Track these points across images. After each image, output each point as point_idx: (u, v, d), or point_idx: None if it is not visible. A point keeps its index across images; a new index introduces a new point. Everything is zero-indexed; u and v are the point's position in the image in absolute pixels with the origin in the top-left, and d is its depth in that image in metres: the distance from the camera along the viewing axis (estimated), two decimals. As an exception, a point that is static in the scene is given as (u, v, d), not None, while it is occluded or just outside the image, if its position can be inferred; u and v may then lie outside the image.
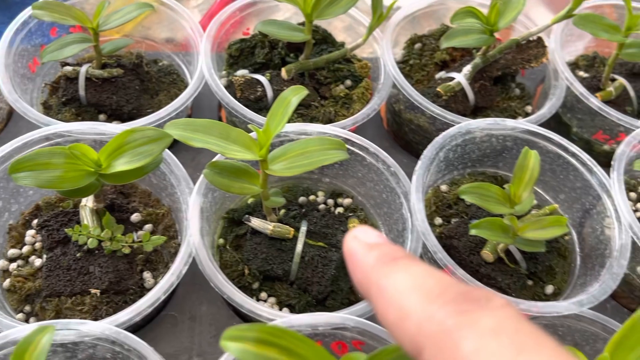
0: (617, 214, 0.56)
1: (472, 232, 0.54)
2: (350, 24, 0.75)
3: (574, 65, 0.78)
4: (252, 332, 0.27)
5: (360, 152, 0.59)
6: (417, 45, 0.74)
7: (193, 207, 0.53)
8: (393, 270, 0.24)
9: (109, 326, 0.46)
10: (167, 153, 0.56)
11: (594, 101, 0.65)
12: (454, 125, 0.60)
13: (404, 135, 0.71)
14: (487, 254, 0.57)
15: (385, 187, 0.59)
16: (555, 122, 0.74)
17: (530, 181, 0.56)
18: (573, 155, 0.60)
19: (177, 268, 0.50)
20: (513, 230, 0.55)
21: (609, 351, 0.35)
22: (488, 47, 0.67)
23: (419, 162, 0.57)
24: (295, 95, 0.51)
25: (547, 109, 0.64)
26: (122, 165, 0.49)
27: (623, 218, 0.55)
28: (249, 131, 0.50)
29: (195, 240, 0.51)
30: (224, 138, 0.50)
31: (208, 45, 0.65)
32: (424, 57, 0.73)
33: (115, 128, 0.57)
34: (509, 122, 0.61)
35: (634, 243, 0.55)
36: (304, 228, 0.58)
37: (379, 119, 0.76)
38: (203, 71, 0.62)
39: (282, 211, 0.59)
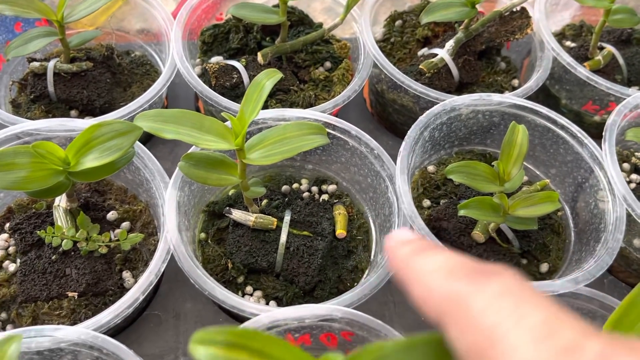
0: (611, 186, 0.54)
1: (461, 212, 0.52)
2: (330, 5, 0.73)
3: (560, 36, 0.76)
4: (222, 335, 0.25)
5: (342, 136, 0.57)
6: (398, 23, 0.71)
7: (169, 202, 0.51)
8: (422, 257, 0.28)
9: (85, 330, 0.44)
10: (140, 147, 0.54)
11: (582, 71, 0.63)
12: (438, 103, 0.58)
13: (388, 116, 0.69)
14: (478, 234, 0.55)
15: (369, 171, 0.57)
16: (544, 95, 0.72)
17: (519, 157, 0.54)
18: (562, 127, 0.58)
19: (155, 266, 0.48)
20: (503, 209, 0.53)
21: (608, 329, 0.33)
22: (470, 20, 0.64)
23: (403, 144, 0.54)
24: (269, 79, 0.49)
25: (534, 82, 0.62)
26: (91, 161, 0.47)
27: (617, 190, 0.53)
28: (225, 120, 0.48)
29: (172, 236, 0.49)
30: (197, 128, 0.48)
31: (179, 32, 0.62)
32: (406, 34, 0.70)
33: (84, 123, 0.54)
34: (495, 97, 0.59)
35: (629, 215, 0.53)
36: (287, 218, 0.56)
37: (362, 100, 0.73)
38: (175, 60, 0.60)
39: (265, 201, 0.57)
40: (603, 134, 0.57)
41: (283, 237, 0.55)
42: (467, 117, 0.60)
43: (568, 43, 0.74)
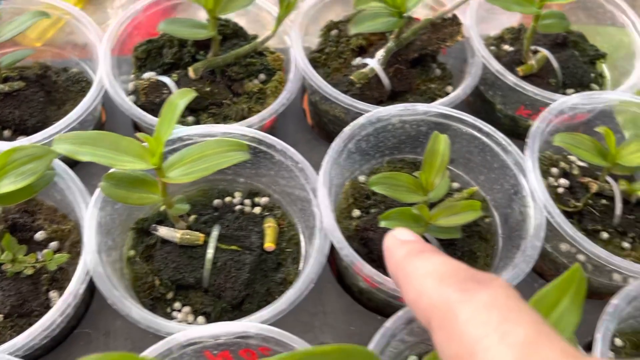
0: (532, 193, 0.55)
1: (382, 224, 0.52)
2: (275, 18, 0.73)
3: (499, 39, 0.77)
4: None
5: (269, 150, 0.57)
6: (334, 32, 0.72)
7: (89, 222, 0.51)
8: (417, 260, 0.29)
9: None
10: (62, 167, 0.54)
11: (510, 77, 0.63)
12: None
13: (324, 126, 0.70)
14: (402, 244, 0.56)
15: (296, 184, 0.57)
16: (480, 101, 0.73)
17: (441, 166, 0.54)
18: (487, 135, 0.59)
19: (73, 288, 0.49)
20: (424, 219, 0.53)
21: None
22: (401, 29, 0.65)
23: (326, 156, 0.55)
24: (182, 98, 0.50)
25: (462, 89, 0.62)
26: (6, 186, 0.48)
27: (537, 197, 0.54)
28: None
29: (90, 258, 0.49)
30: (114, 149, 0.48)
31: (107, 49, 0.62)
32: (341, 44, 0.70)
33: (2, 146, 0.54)
34: (420, 107, 0.59)
35: (552, 222, 0.53)
36: (215, 233, 0.56)
37: (301, 112, 0.74)
38: (102, 77, 0.60)
39: (192, 217, 0.58)
40: (526, 140, 0.57)
41: (209, 253, 0.55)
42: (394, 127, 0.60)
43: (506, 47, 0.75)
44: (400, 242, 0.32)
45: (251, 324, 0.47)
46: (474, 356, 0.23)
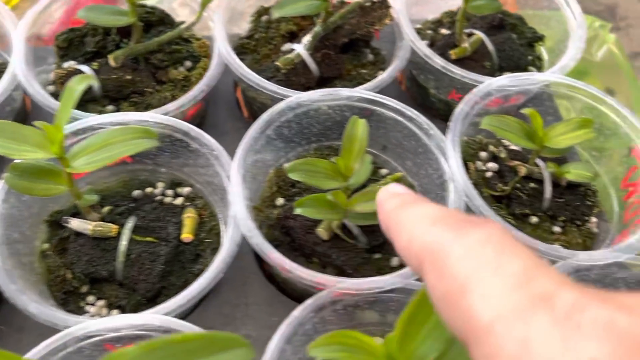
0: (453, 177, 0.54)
1: (297, 211, 0.51)
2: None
3: (438, 23, 0.75)
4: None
5: (184, 138, 0.56)
6: (264, 18, 0.70)
7: (-11, 216, 0.50)
8: (409, 208, 0.29)
9: None
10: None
11: (438, 60, 0.62)
12: (291, 100, 0.57)
13: (254, 114, 0.68)
14: (321, 231, 0.54)
15: (214, 172, 0.56)
16: (415, 86, 0.71)
17: (360, 151, 0.53)
18: (410, 119, 0.57)
19: (-30, 284, 0.47)
20: (341, 206, 0.52)
21: (400, 328, 0.32)
22: (328, 13, 0.63)
23: (240, 144, 0.53)
24: (79, 84, 0.48)
25: (387, 73, 0.61)
26: None
27: (456, 181, 0.53)
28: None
29: (-12, 252, 0.48)
30: (14, 139, 0.47)
31: (21, 37, 0.60)
32: (271, 29, 0.69)
33: None
34: (343, 92, 0.58)
35: (471, 207, 0.52)
36: (129, 224, 0.55)
37: (235, 100, 0.72)
38: (14, 66, 0.58)
39: (107, 208, 0.56)
40: (448, 123, 0.56)
41: (122, 245, 0.54)
42: (317, 113, 0.59)
43: (444, 30, 0.73)
44: (392, 194, 0.32)
45: (153, 316, 0.46)
46: (465, 291, 0.22)
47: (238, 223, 0.50)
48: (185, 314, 0.56)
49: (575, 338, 0.19)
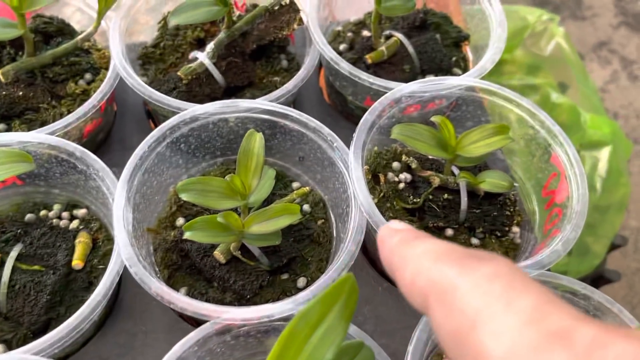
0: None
1: (186, 235, 0.47)
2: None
3: (360, 25, 0.72)
4: None
5: (69, 159, 0.52)
6: (173, 24, 0.66)
7: None
8: (412, 244, 0.28)
9: None
10: None
11: (344, 65, 0.59)
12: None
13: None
14: (218, 254, 0.51)
15: (102, 194, 0.52)
16: (334, 93, 0.68)
17: (257, 167, 0.50)
18: (314, 131, 0.54)
19: None
20: (233, 227, 0.49)
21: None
22: (231, 19, 0.60)
23: (127, 165, 0.50)
24: None
25: (293, 82, 0.58)
26: None
27: (357, 196, 0.49)
28: None
29: None
30: None
31: None
32: (178, 37, 0.65)
33: None
34: (243, 103, 0.54)
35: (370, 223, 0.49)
36: (14, 252, 0.51)
37: (144, 111, 0.68)
38: None
39: (-9, 236, 0.53)
40: (353, 135, 0.53)
41: (5, 275, 0.50)
42: (217, 127, 0.55)
43: (365, 32, 0.70)
44: (392, 230, 0.31)
45: (19, 356, 0.42)
46: (475, 326, 0.22)
47: (121, 252, 0.47)
48: (78, 345, 0.53)
49: None
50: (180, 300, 0.44)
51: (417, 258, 0.27)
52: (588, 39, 1.95)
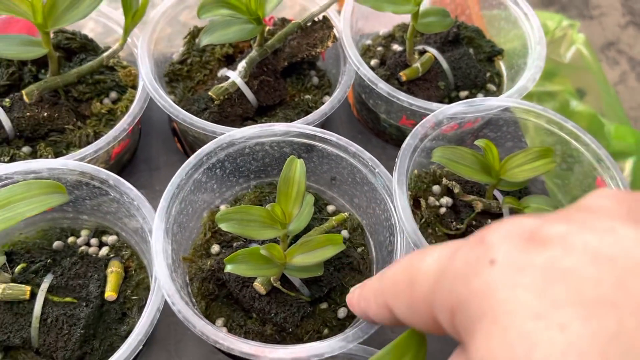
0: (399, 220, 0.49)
1: (228, 268, 0.46)
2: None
3: (389, 38, 0.70)
4: None
5: (102, 186, 0.50)
6: (205, 44, 0.64)
7: None
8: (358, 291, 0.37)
9: None
10: None
11: (382, 85, 0.57)
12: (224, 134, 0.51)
13: (190, 145, 0.63)
14: (258, 286, 0.49)
15: (137, 223, 0.50)
16: (365, 110, 0.66)
17: (298, 195, 0.48)
18: (354, 155, 0.52)
19: None
20: (276, 260, 0.47)
21: None
22: (263, 36, 0.58)
23: (163, 195, 0.48)
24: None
25: (329, 104, 0.56)
26: None
27: (403, 225, 0.48)
28: None
29: None
30: None
31: None
32: (206, 52, 0.63)
33: None
34: (278, 127, 0.52)
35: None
36: (45, 284, 0.49)
37: (169, 130, 0.66)
38: None
39: (20, 266, 0.50)
40: (395, 160, 0.51)
41: (37, 309, 0.48)
42: (252, 151, 0.53)
43: (395, 46, 0.68)
44: (352, 291, 0.39)
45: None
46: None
47: (160, 286, 0.45)
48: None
49: None
50: (227, 340, 0.42)
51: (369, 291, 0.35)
52: (596, 40, 1.93)
